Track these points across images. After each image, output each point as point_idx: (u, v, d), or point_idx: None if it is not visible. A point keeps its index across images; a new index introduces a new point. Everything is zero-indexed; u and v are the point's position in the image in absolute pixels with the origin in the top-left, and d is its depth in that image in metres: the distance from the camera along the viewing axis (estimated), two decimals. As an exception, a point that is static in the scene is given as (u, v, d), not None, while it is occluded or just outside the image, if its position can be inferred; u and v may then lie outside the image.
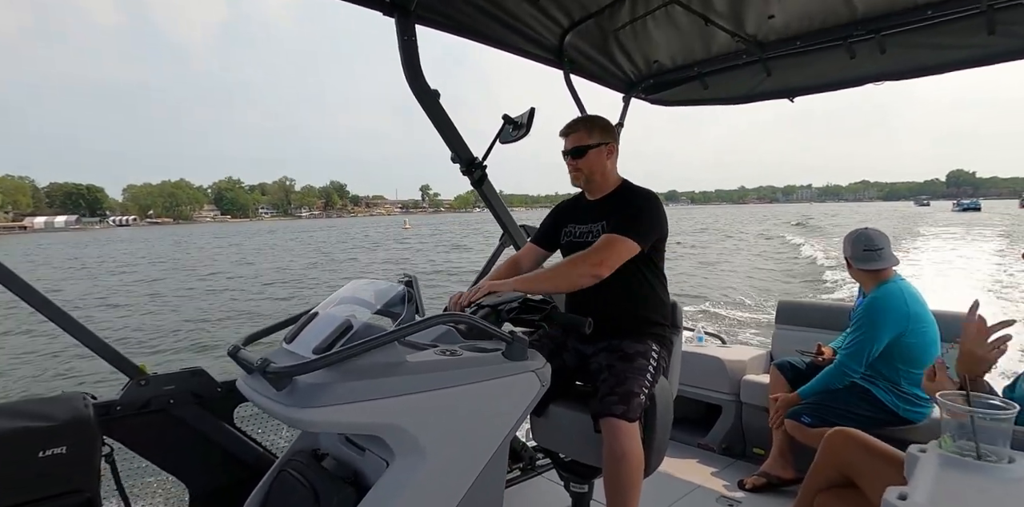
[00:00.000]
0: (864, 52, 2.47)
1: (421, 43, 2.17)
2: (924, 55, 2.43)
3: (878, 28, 2.33)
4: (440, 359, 1.36)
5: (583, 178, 2.08)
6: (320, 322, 1.39)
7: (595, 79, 3.02)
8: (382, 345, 1.23)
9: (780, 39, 2.59)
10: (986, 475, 0.91)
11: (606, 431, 1.75)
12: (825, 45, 2.54)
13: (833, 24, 2.41)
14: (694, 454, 3.03)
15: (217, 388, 1.91)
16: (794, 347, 3.01)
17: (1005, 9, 2.12)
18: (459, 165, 2.41)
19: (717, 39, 2.63)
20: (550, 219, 2.27)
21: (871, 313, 2.47)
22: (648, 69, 3.02)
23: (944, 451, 0.96)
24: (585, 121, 2.12)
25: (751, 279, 16.20)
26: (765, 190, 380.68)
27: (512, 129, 2.34)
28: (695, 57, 2.86)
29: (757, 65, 2.78)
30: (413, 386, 1.27)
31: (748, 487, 2.62)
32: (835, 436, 1.70)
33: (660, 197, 2.08)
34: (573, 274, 1.82)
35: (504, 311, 1.69)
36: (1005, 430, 0.94)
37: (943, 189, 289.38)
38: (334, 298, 1.51)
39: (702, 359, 3.17)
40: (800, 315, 3.31)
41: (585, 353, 2.06)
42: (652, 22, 2.54)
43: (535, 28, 2.52)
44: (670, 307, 2.15)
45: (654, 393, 1.89)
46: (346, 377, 1.20)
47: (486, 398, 1.38)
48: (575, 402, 1.98)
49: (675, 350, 2.13)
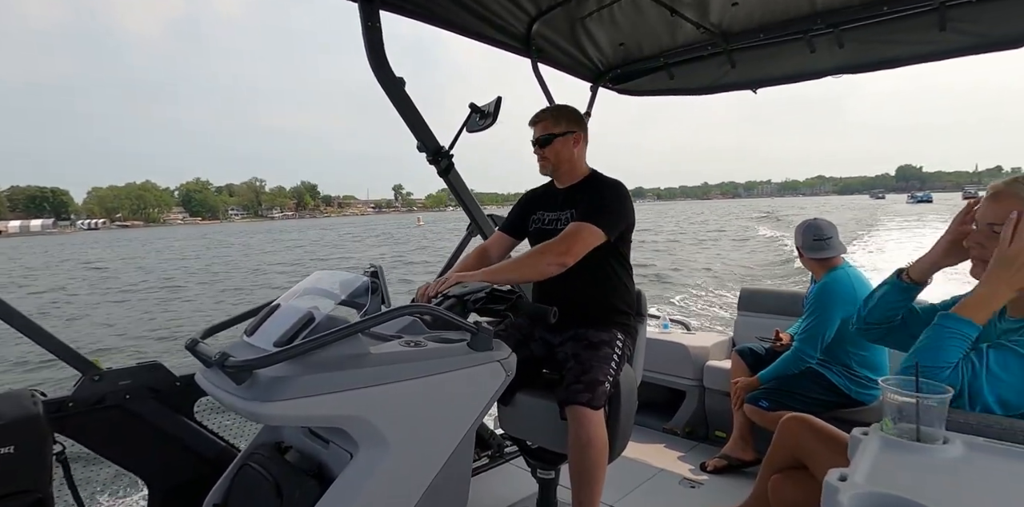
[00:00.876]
0: (823, 46, 2.51)
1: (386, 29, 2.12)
2: (879, 49, 2.49)
3: (836, 22, 2.38)
4: (404, 350, 1.34)
5: (550, 167, 2.08)
6: (281, 314, 1.35)
7: (563, 68, 3.00)
8: (345, 337, 1.20)
9: (744, 30, 2.62)
10: (922, 456, 0.93)
11: (572, 418, 1.76)
12: (786, 38, 2.58)
13: (794, 16, 2.45)
14: (659, 438, 3.06)
15: (176, 382, 1.84)
16: (755, 333, 3.06)
17: (956, 6, 2.18)
18: (425, 154, 2.37)
19: (683, 29, 2.65)
20: (519, 207, 2.26)
21: (822, 299, 2.54)
22: (616, 58, 3.02)
23: (885, 434, 0.99)
24: (552, 110, 2.12)
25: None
26: (727, 186, 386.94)
27: (479, 118, 2.31)
28: (662, 47, 2.88)
29: (722, 56, 2.80)
30: (377, 378, 1.24)
31: (710, 469, 2.66)
32: (789, 422, 1.73)
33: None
34: (540, 263, 1.80)
35: (470, 301, 1.68)
36: (941, 412, 0.97)
37: (893, 183, 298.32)
38: (297, 289, 1.48)
39: (667, 346, 3.20)
40: (760, 302, 3.37)
41: (552, 342, 2.06)
42: (619, 11, 2.53)
43: (502, 16, 2.49)
44: (635, 296, 2.16)
45: (619, 380, 1.90)
46: (308, 370, 1.17)
47: (451, 388, 1.36)
48: (542, 390, 1.98)
49: (639, 338, 2.14)
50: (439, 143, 2.36)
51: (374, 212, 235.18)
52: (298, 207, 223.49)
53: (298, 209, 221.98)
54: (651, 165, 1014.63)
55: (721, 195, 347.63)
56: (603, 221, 1.87)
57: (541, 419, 1.93)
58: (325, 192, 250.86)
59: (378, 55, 2.09)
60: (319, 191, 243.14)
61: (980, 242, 1.27)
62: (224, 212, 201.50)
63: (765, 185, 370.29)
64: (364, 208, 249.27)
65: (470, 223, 2.61)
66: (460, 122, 2.34)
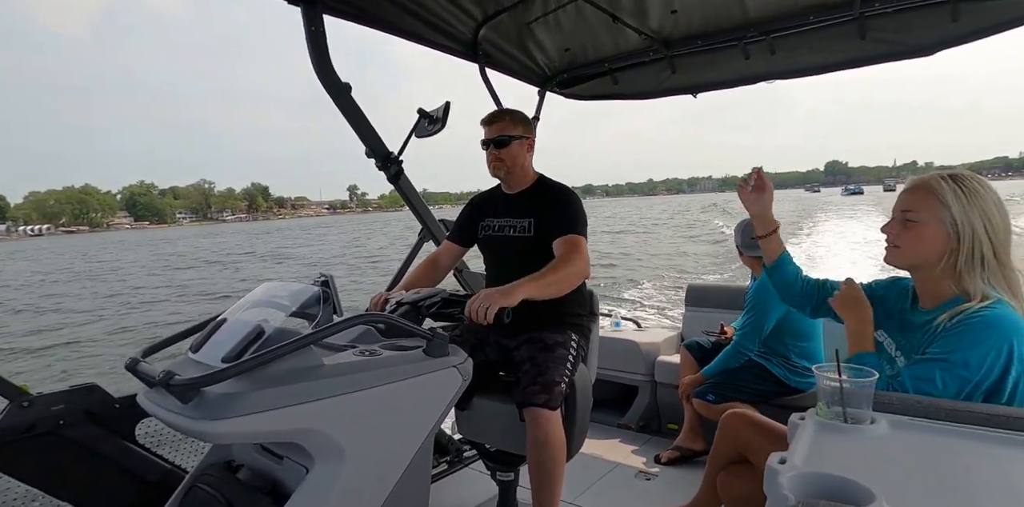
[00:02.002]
0: (757, 53, 2.59)
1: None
2: (808, 57, 2.58)
3: (768, 31, 2.46)
4: (358, 360, 1.30)
5: (504, 169, 2.04)
6: (229, 329, 1.28)
7: (510, 73, 2.99)
8: (296, 350, 1.15)
9: (683, 37, 2.67)
10: (852, 436, 0.99)
11: (529, 420, 1.75)
12: (723, 45, 2.64)
13: (729, 24, 2.51)
14: (614, 434, 3.09)
15: (115, 404, 1.71)
16: (702, 327, 3.13)
17: (874, 17, 2.28)
18: (374, 160, 2.31)
19: (626, 36, 2.68)
20: (466, 214, 2.23)
21: (760, 295, 2.61)
22: (562, 63, 3.02)
23: (820, 418, 1.04)
24: (509, 112, 2.11)
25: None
26: (672, 182, 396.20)
27: (428, 123, 2.27)
28: (606, 53, 2.90)
29: (663, 62, 2.85)
30: (331, 389, 1.20)
31: (663, 461, 2.71)
32: (729, 418, 1.78)
33: (578, 191, 2.09)
34: (572, 278, 1.81)
35: (424, 307, 1.64)
36: (868, 394, 1.03)
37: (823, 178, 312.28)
38: (244, 302, 1.40)
39: (619, 343, 3.24)
40: (707, 297, 3.45)
41: (507, 346, 2.04)
42: (564, 17, 2.54)
43: (449, 21, 2.45)
44: (588, 296, 2.16)
45: (574, 380, 1.90)
46: (259, 385, 1.11)
47: (407, 396, 1.33)
48: (498, 393, 1.96)
49: (593, 337, 2.15)
50: (388, 149, 2.31)
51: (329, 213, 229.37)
52: (250, 209, 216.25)
53: (250, 211, 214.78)
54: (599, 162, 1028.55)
55: (666, 191, 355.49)
56: (580, 228, 1.93)
57: (499, 422, 1.91)
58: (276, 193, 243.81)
59: (322, 60, 2.02)
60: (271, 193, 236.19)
61: (894, 229, 1.34)
62: (172, 216, 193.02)
63: (706, 181, 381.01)
64: (319, 209, 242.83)
65: (421, 229, 2.56)
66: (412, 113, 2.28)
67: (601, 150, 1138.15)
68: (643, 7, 2.42)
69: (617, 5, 2.41)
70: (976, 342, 1.17)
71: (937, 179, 1.29)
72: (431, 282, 2.13)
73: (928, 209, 1.27)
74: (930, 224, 1.26)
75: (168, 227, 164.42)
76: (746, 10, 2.38)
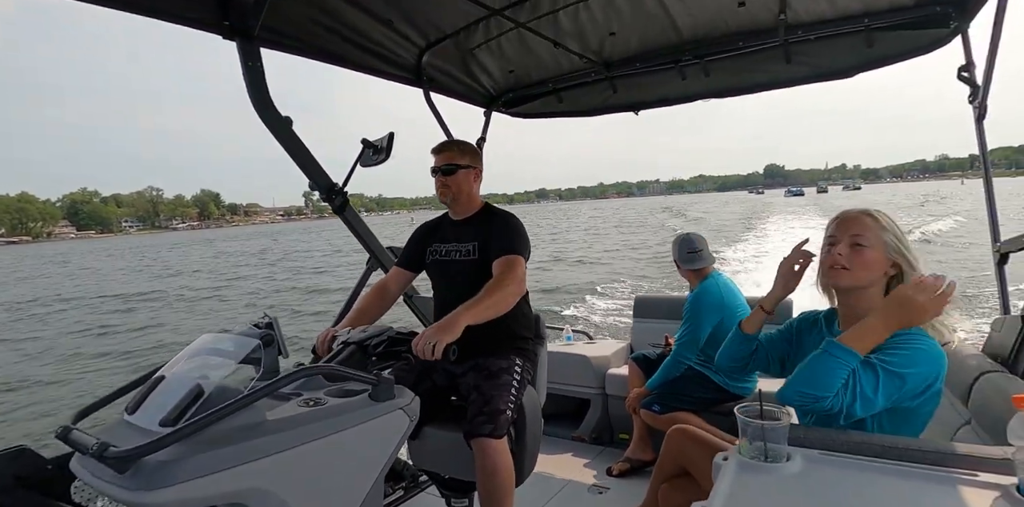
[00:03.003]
0: (692, 74, 2.69)
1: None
2: (739, 78, 2.70)
3: (702, 54, 2.56)
4: (303, 412, 1.27)
5: (450, 195, 2.07)
6: (166, 388, 1.22)
7: (456, 95, 3.00)
8: (239, 410, 1.12)
9: (622, 59, 2.74)
10: (772, 474, 1.05)
11: (477, 450, 1.76)
12: (660, 67, 2.72)
13: (665, 47, 2.60)
14: (567, 447, 3.12)
15: (47, 465, 1.60)
16: (651, 338, 3.21)
17: (797, 43, 2.41)
18: (318, 192, 2.27)
19: (568, 58, 2.72)
20: (414, 240, 2.23)
21: (695, 306, 2.71)
22: (507, 84, 3.05)
23: (742, 457, 1.11)
24: (458, 143, 2.16)
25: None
26: (622, 186, 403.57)
27: (372, 153, 2.25)
28: (549, 73, 2.94)
29: (605, 82, 2.91)
30: (275, 445, 1.16)
31: (615, 473, 2.75)
32: (673, 433, 1.82)
33: (531, 195, 2.11)
34: (508, 296, 1.81)
35: (371, 346, 1.62)
36: (784, 430, 1.11)
37: (762, 180, 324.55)
38: (182, 356, 1.34)
39: (570, 358, 3.27)
40: (654, 308, 3.52)
41: (454, 373, 2.04)
42: (506, 43, 2.57)
43: (391, 49, 2.44)
44: (533, 319, 2.18)
45: (521, 404, 1.92)
46: (199, 448, 1.07)
47: (355, 443, 1.31)
48: (448, 422, 1.96)
49: (540, 360, 2.16)
50: (332, 180, 2.27)
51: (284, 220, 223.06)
52: (201, 217, 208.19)
53: (202, 219, 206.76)
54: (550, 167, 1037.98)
55: (617, 194, 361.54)
56: (521, 249, 1.95)
57: (449, 450, 1.90)
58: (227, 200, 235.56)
59: (261, 95, 1.96)
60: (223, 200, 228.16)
61: (843, 252, 1.38)
62: (118, 224, 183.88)
63: (655, 184, 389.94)
64: (273, 216, 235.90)
65: (369, 257, 2.53)
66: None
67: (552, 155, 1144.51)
68: (582, 31, 2.47)
69: (557, 30, 2.45)
70: (916, 363, 1.24)
71: (871, 212, 1.40)
72: (380, 310, 2.12)
73: (876, 236, 1.36)
74: (876, 248, 1.35)
75: (115, 236, 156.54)
76: (680, 34, 2.47)
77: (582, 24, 2.41)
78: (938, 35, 2.18)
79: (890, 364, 1.21)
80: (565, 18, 2.35)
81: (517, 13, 2.29)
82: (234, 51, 1.91)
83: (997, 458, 1.07)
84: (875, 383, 1.20)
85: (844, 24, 2.25)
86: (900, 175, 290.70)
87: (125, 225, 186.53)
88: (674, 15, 2.31)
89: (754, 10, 2.23)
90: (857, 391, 1.19)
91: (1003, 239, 2.12)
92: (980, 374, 1.62)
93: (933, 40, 2.21)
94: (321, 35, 2.16)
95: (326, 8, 2.03)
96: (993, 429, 1.38)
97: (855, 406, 1.19)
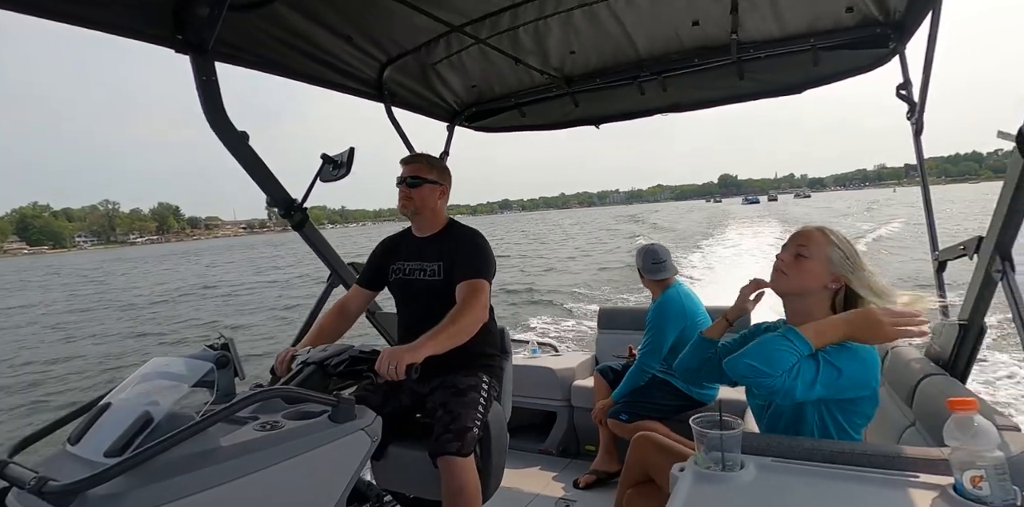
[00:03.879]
0: (651, 89, 2.74)
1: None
2: (696, 93, 2.77)
3: (659, 70, 2.61)
4: (259, 436, 1.22)
5: (413, 208, 2.03)
6: (112, 416, 1.15)
7: (418, 110, 2.97)
8: (189, 438, 1.06)
9: (583, 74, 2.76)
10: (726, 484, 1.08)
11: (443, 468, 1.73)
12: (620, 83, 2.76)
13: (624, 64, 2.64)
14: (535, 461, 3.09)
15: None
16: (615, 348, 3.22)
17: (749, 61, 2.49)
18: (277, 209, 2.20)
19: (530, 73, 2.73)
20: (375, 258, 2.18)
21: (658, 316, 2.74)
22: (469, 99, 3.04)
23: (698, 466, 1.14)
24: (428, 157, 2.14)
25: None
26: (583, 196, 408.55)
27: (332, 168, 2.19)
28: (511, 89, 2.95)
29: (566, 97, 2.93)
30: (230, 473, 1.11)
31: (582, 485, 2.74)
32: (637, 440, 1.83)
33: (494, 205, 2.09)
34: (470, 326, 1.78)
35: (331, 366, 1.57)
36: (738, 439, 1.15)
37: (717, 189, 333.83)
38: (131, 380, 1.28)
39: (536, 371, 3.25)
40: (617, 319, 3.54)
41: (420, 392, 2.00)
42: (468, 58, 2.57)
43: (351, 63, 2.40)
44: (499, 335, 2.16)
45: (488, 421, 1.89)
46: (148, 479, 1.01)
47: (314, 467, 1.26)
48: (413, 440, 1.92)
49: (506, 375, 2.14)
50: (291, 196, 2.21)
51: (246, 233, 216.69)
52: (160, 230, 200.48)
53: (161, 232, 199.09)
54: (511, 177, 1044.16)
55: (578, 204, 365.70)
56: (485, 272, 1.93)
57: (415, 470, 1.87)
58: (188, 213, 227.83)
59: (216, 110, 1.88)
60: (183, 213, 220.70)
61: (785, 259, 1.49)
62: (71, 239, 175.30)
63: (615, 194, 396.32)
64: (235, 229, 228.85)
65: (330, 274, 2.46)
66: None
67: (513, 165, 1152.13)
68: (543, 48, 2.49)
69: (518, 47, 2.47)
70: (853, 360, 1.30)
71: (823, 229, 1.49)
72: (340, 331, 2.07)
73: (820, 249, 1.44)
74: (817, 260, 1.44)
75: (68, 252, 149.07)
76: (638, 51, 2.51)
77: (542, 41, 2.43)
78: (878, 55, 2.29)
79: (830, 355, 1.30)
80: (525, 35, 2.37)
81: (477, 30, 2.30)
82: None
83: (936, 459, 1.12)
84: (815, 371, 1.26)
85: (792, 43, 2.34)
86: (844, 184, 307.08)
87: (79, 240, 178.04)
88: (631, 33, 2.35)
89: (708, 29, 2.29)
90: (798, 375, 1.26)
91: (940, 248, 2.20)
92: (923, 377, 1.67)
93: (874, 59, 2.31)
94: (278, 49, 2.11)
95: (283, 23, 1.98)
96: (935, 430, 1.43)
97: (795, 389, 1.25)
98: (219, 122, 1.91)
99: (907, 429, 1.66)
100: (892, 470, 1.10)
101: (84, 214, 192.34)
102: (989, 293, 1.64)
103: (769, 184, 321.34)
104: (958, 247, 1.81)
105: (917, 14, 2.02)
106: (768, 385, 1.25)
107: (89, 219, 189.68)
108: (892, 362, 1.95)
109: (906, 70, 2.23)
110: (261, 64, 2.12)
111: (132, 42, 1.77)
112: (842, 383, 1.29)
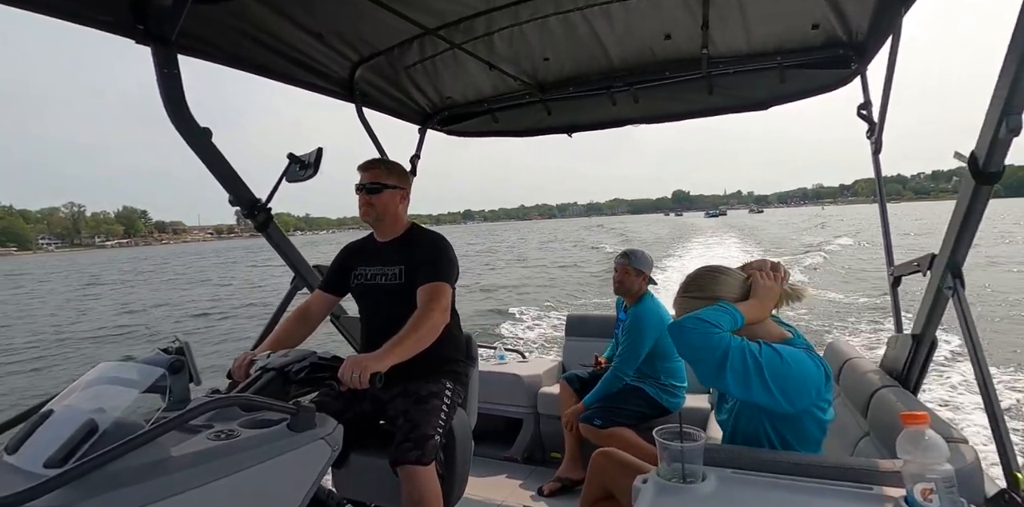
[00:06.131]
0: (623, 100, 2.74)
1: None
2: (666, 106, 2.78)
3: (631, 82, 2.61)
4: (213, 446, 1.12)
5: (374, 214, 1.97)
6: (54, 424, 1.04)
7: (390, 112, 2.90)
8: (137, 448, 0.96)
9: (556, 81, 2.74)
10: (687, 495, 1.08)
11: (403, 477, 1.66)
12: (592, 93, 2.76)
13: (597, 73, 2.63)
14: (500, 468, 3.02)
15: None
16: (582, 355, 3.21)
17: (718, 76, 2.52)
18: (240, 208, 2.09)
19: (504, 79, 2.70)
20: (337, 263, 2.11)
21: (637, 324, 2.73)
22: (442, 103, 2.98)
23: (660, 478, 1.14)
24: (385, 162, 2.08)
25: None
26: (543, 208, 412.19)
27: (299, 168, 2.10)
28: (485, 94, 2.91)
29: (539, 105, 2.91)
30: (182, 484, 1.01)
31: (547, 493, 2.69)
32: (597, 457, 1.80)
33: (458, 215, 2.04)
34: (434, 330, 1.74)
35: (292, 372, 1.48)
36: (700, 450, 1.15)
37: (671, 204, 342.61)
38: (76, 386, 1.16)
39: (502, 377, 3.20)
40: (585, 326, 3.52)
41: (382, 398, 1.93)
42: (441, 62, 2.52)
43: (321, 62, 2.32)
44: (464, 341, 2.10)
45: (451, 428, 1.83)
46: (91, 492, 0.91)
47: (271, 478, 1.17)
48: (374, 448, 1.84)
49: (472, 382, 2.09)
50: (255, 196, 2.10)
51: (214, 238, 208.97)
52: (127, 234, 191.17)
53: (129, 236, 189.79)
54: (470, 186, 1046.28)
55: (539, 216, 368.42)
56: (446, 275, 1.88)
57: (376, 478, 1.79)
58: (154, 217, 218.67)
59: (177, 105, 1.78)
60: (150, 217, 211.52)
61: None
62: (35, 242, 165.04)
63: (574, 207, 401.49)
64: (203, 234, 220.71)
65: (294, 277, 2.36)
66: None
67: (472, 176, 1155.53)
68: (517, 54, 2.46)
69: (492, 53, 2.43)
70: (795, 354, 1.31)
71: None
72: (302, 335, 1.98)
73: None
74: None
75: (33, 254, 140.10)
76: (611, 61, 2.52)
77: (517, 48, 2.41)
78: (841, 74, 2.35)
79: (775, 345, 1.32)
80: (500, 41, 2.35)
81: (452, 34, 2.26)
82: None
83: (889, 471, 1.13)
84: (758, 349, 1.28)
85: (760, 60, 2.38)
86: (786, 201, 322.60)
87: (43, 242, 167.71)
88: (605, 43, 2.36)
89: (679, 43, 2.32)
90: (744, 345, 1.28)
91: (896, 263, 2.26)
92: (877, 389, 1.70)
93: (837, 79, 2.37)
94: (245, 45, 2.02)
95: (252, 17, 1.89)
96: (888, 442, 1.45)
97: (742, 356, 1.25)
98: (180, 117, 1.79)
99: (862, 439, 1.67)
100: (848, 482, 1.12)
101: (42, 216, 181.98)
102: (941, 308, 1.67)
103: (719, 200, 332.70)
104: (912, 263, 1.85)
105: (878, 37, 2.08)
106: (714, 344, 1.27)
107: (49, 221, 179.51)
108: (848, 373, 1.99)
109: (867, 91, 2.29)
110: (227, 59, 2.02)
111: (94, 31, 1.66)
112: (790, 382, 1.27)
